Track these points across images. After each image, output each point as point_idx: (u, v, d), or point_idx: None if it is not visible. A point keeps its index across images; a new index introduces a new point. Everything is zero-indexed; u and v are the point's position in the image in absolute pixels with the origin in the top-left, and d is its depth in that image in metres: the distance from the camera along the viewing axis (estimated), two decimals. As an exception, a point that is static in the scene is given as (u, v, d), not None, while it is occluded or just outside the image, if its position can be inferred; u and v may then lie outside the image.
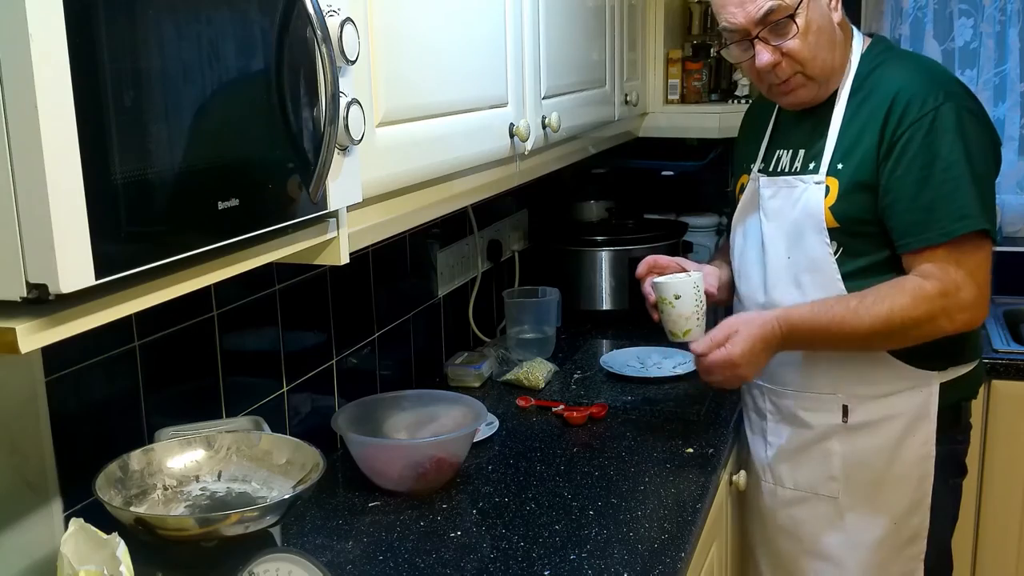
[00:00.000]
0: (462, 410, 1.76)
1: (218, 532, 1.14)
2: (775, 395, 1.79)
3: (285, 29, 0.95)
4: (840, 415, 1.71)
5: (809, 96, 1.68)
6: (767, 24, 1.60)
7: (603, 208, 2.85)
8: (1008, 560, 2.43)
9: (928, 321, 1.57)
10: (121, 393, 1.35)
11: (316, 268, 1.70)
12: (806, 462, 1.76)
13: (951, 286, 1.56)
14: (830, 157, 1.64)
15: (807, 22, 1.60)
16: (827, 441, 1.73)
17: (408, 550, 1.48)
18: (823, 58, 1.63)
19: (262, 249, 0.99)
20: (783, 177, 1.72)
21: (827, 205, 1.63)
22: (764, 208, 1.74)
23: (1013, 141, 2.86)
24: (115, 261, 0.75)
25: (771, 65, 1.62)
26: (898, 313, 1.56)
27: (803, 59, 1.62)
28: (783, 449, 1.79)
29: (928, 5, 2.83)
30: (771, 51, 1.61)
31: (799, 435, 1.76)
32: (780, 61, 1.62)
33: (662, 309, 1.76)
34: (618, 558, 1.43)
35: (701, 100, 2.70)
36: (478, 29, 1.50)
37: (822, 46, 1.62)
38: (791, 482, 1.79)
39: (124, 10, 0.75)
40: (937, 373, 1.68)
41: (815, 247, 1.65)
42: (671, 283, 1.74)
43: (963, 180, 1.56)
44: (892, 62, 1.67)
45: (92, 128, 0.71)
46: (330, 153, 0.99)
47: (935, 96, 1.57)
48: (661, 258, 1.86)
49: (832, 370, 1.70)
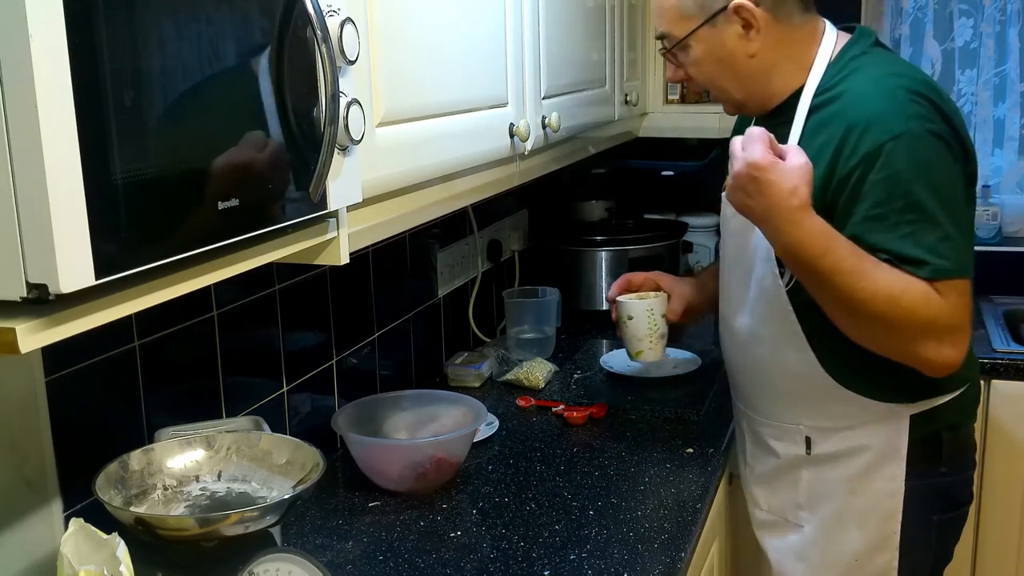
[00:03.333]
0: (462, 410, 1.76)
1: (218, 532, 1.14)
2: (748, 420, 1.74)
3: (285, 29, 0.95)
4: (804, 446, 1.62)
5: (732, 109, 1.65)
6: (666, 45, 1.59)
7: (603, 208, 2.85)
8: (1008, 560, 2.43)
9: (923, 332, 1.39)
10: (121, 393, 1.35)
11: (316, 268, 1.70)
12: (779, 487, 1.70)
13: (957, 313, 1.40)
14: None
15: (702, 54, 1.54)
16: (795, 469, 1.65)
17: (408, 550, 1.48)
18: (724, 87, 1.58)
19: (262, 249, 0.99)
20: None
21: None
22: (728, 227, 1.65)
23: (1013, 141, 2.86)
24: (115, 261, 0.75)
25: (677, 80, 1.63)
26: (907, 302, 1.37)
27: (704, 82, 1.59)
28: (759, 472, 1.74)
29: (928, 5, 2.83)
30: (674, 68, 1.61)
31: (770, 461, 1.70)
32: (687, 77, 1.61)
33: (620, 326, 1.86)
34: (618, 558, 1.43)
35: (701, 100, 2.70)
36: (478, 29, 1.50)
37: (722, 76, 1.56)
38: (766, 504, 1.74)
39: (124, 10, 0.75)
40: (906, 406, 1.54)
41: (765, 277, 1.54)
42: (625, 304, 1.84)
43: (927, 220, 1.38)
44: (857, 74, 1.49)
45: (92, 128, 0.71)
46: (330, 153, 0.99)
47: (895, 122, 1.40)
48: (636, 275, 1.88)
49: (793, 402, 1.62)
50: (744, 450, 1.79)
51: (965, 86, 2.87)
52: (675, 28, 1.55)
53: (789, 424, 1.64)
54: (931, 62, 2.86)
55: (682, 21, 1.54)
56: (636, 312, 1.81)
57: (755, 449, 1.75)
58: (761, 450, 1.73)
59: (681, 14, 1.53)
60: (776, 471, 1.70)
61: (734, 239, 1.64)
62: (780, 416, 1.65)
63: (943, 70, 2.87)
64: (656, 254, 2.63)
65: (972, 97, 2.87)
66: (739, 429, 1.82)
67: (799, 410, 1.62)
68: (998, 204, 2.87)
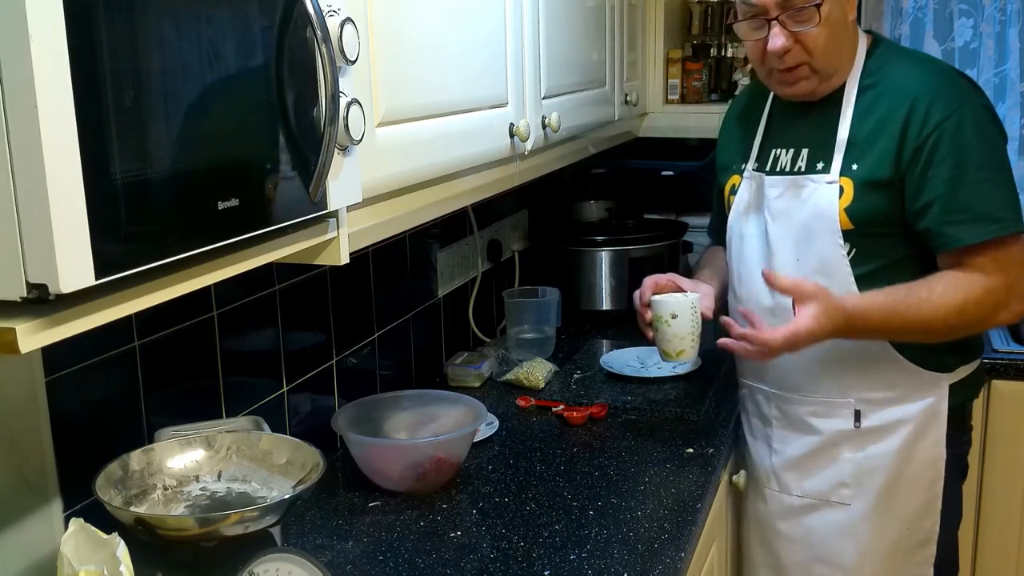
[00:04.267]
0: (462, 410, 1.76)
1: (218, 532, 1.14)
2: (782, 400, 1.77)
3: (285, 29, 0.95)
4: (852, 420, 1.69)
5: (809, 89, 1.65)
6: (789, 8, 1.56)
7: (603, 208, 2.85)
8: (1008, 560, 2.43)
9: (994, 313, 1.58)
10: (121, 393, 1.35)
11: (316, 268, 1.70)
12: (815, 469, 1.74)
13: (1013, 279, 1.56)
14: (842, 157, 1.61)
15: (829, 13, 1.57)
16: (837, 447, 1.71)
17: (408, 550, 1.48)
18: (835, 52, 1.61)
19: (262, 249, 0.99)
20: (788, 176, 1.68)
21: (842, 206, 1.60)
22: (769, 208, 1.70)
23: (1013, 141, 2.86)
24: (115, 261, 0.75)
25: (783, 50, 1.58)
26: (972, 303, 1.55)
27: (816, 49, 1.58)
28: (790, 456, 1.77)
29: (928, 5, 2.83)
30: (786, 36, 1.57)
31: (807, 442, 1.74)
32: (792, 48, 1.58)
33: (657, 328, 1.73)
34: (618, 558, 1.43)
35: (701, 100, 2.70)
36: (478, 29, 1.50)
37: (836, 40, 1.60)
38: (799, 490, 1.77)
39: (124, 10, 0.75)
40: (947, 375, 1.68)
41: (827, 249, 1.63)
42: (668, 302, 1.71)
43: (996, 179, 1.57)
44: (899, 60, 1.66)
45: (92, 128, 0.71)
46: (330, 153, 0.99)
47: (957, 96, 1.57)
48: (660, 277, 1.81)
49: (843, 374, 1.68)
50: (768, 437, 1.81)
51: (965, 86, 2.87)
52: None
53: (838, 398, 1.70)
54: (931, 62, 2.86)
55: None
56: (681, 309, 1.70)
57: (787, 432, 1.78)
58: (797, 432, 1.76)
59: None
60: (813, 452, 1.74)
61: (782, 219, 1.68)
62: (828, 391, 1.71)
63: (943, 70, 2.87)
64: (656, 254, 2.63)
65: (972, 97, 2.87)
66: (757, 419, 1.84)
67: (852, 382, 1.69)
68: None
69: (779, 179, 1.69)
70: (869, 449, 1.70)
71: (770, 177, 1.71)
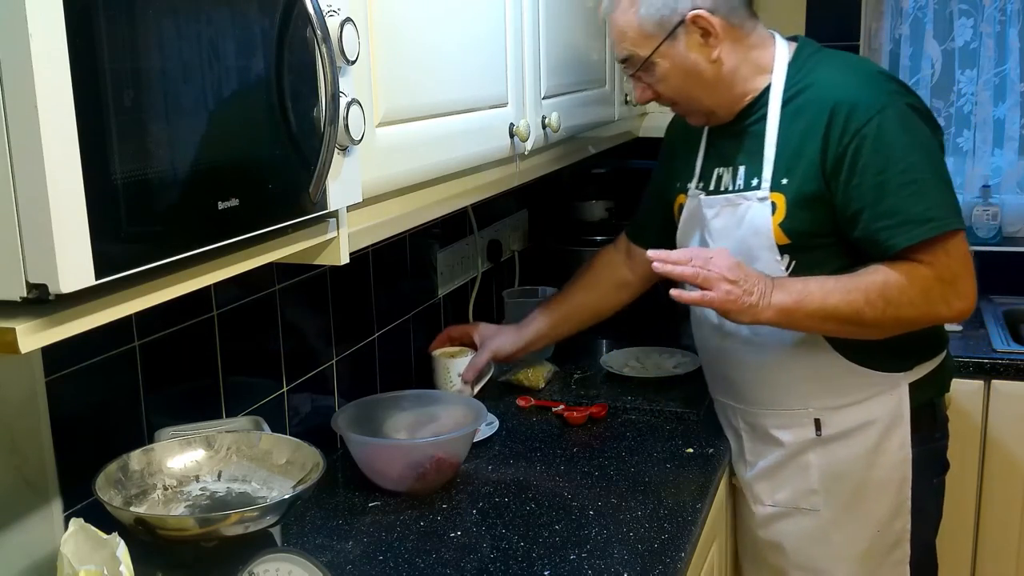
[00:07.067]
0: (462, 410, 1.76)
1: (218, 532, 1.14)
2: (747, 415, 1.78)
3: (285, 29, 0.95)
4: (813, 429, 1.69)
5: (703, 120, 1.71)
6: (630, 68, 1.65)
7: (603, 208, 2.85)
8: (1008, 560, 2.43)
9: (925, 302, 1.53)
10: (121, 393, 1.35)
11: (316, 268, 1.70)
12: (784, 479, 1.75)
13: (947, 273, 1.52)
14: (771, 172, 1.60)
15: (668, 68, 1.61)
16: (803, 456, 1.72)
17: (408, 550, 1.48)
18: (695, 96, 1.65)
19: (262, 249, 0.99)
20: (723, 196, 1.68)
21: (776, 222, 1.59)
22: (709, 228, 1.70)
23: (1013, 141, 2.86)
24: (115, 261, 0.75)
25: (646, 100, 1.69)
26: (894, 285, 1.51)
27: (675, 94, 1.66)
28: (761, 467, 1.78)
29: (928, 5, 2.83)
30: (643, 87, 1.67)
31: (775, 454, 1.75)
32: (656, 95, 1.67)
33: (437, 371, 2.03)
34: (618, 558, 1.43)
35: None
36: (478, 29, 1.50)
37: (691, 86, 1.63)
38: (770, 500, 1.78)
39: (124, 10, 0.75)
40: (904, 374, 1.67)
41: (767, 266, 1.59)
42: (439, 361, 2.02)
43: (924, 180, 1.52)
44: (821, 67, 1.62)
45: (92, 128, 0.71)
46: (330, 153, 0.99)
47: (876, 99, 1.53)
48: (456, 329, 2.06)
49: (800, 385, 1.68)
50: (742, 449, 1.81)
51: (965, 86, 2.87)
52: (639, 49, 1.62)
53: (797, 409, 1.70)
54: (931, 62, 2.85)
55: (644, 41, 1.61)
56: (436, 367, 2.03)
57: (756, 445, 1.79)
58: (763, 444, 1.77)
59: (643, 34, 1.61)
60: (781, 463, 1.75)
61: (721, 239, 1.67)
62: (787, 403, 1.71)
63: (943, 70, 2.87)
64: (656, 254, 2.62)
65: (972, 97, 2.86)
66: (732, 430, 1.85)
67: (807, 392, 1.69)
68: (998, 204, 2.86)
69: (716, 198, 1.69)
70: (834, 455, 1.69)
71: (707, 197, 1.71)
